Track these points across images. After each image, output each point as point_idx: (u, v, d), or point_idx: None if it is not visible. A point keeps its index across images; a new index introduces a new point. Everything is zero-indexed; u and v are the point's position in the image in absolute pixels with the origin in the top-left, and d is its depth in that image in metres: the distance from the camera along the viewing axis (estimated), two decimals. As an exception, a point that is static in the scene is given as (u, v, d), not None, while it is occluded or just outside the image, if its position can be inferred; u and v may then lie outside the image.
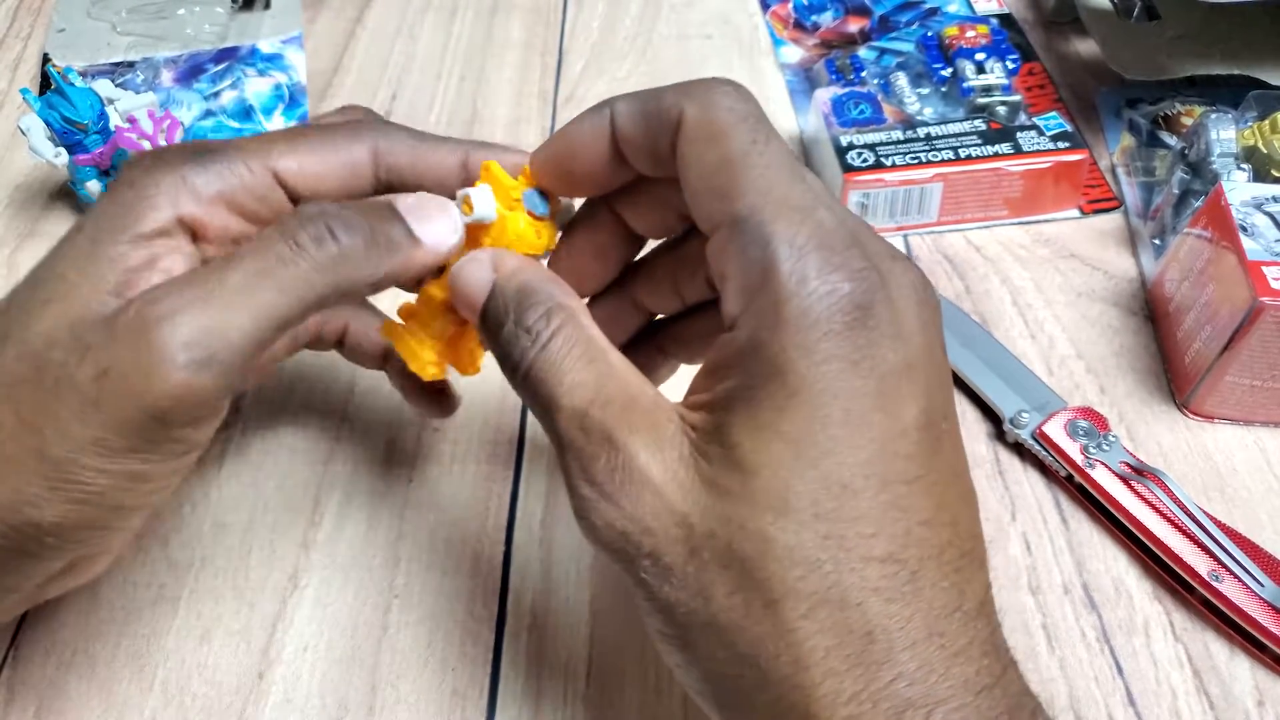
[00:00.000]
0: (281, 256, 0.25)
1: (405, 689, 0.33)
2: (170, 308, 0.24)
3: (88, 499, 0.24)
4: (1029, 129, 0.47)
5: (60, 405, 0.24)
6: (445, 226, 0.27)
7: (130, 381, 0.23)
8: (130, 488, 0.25)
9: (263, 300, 0.24)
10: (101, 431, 0.24)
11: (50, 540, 0.25)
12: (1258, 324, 0.36)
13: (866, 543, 0.21)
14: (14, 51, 0.57)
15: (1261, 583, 0.34)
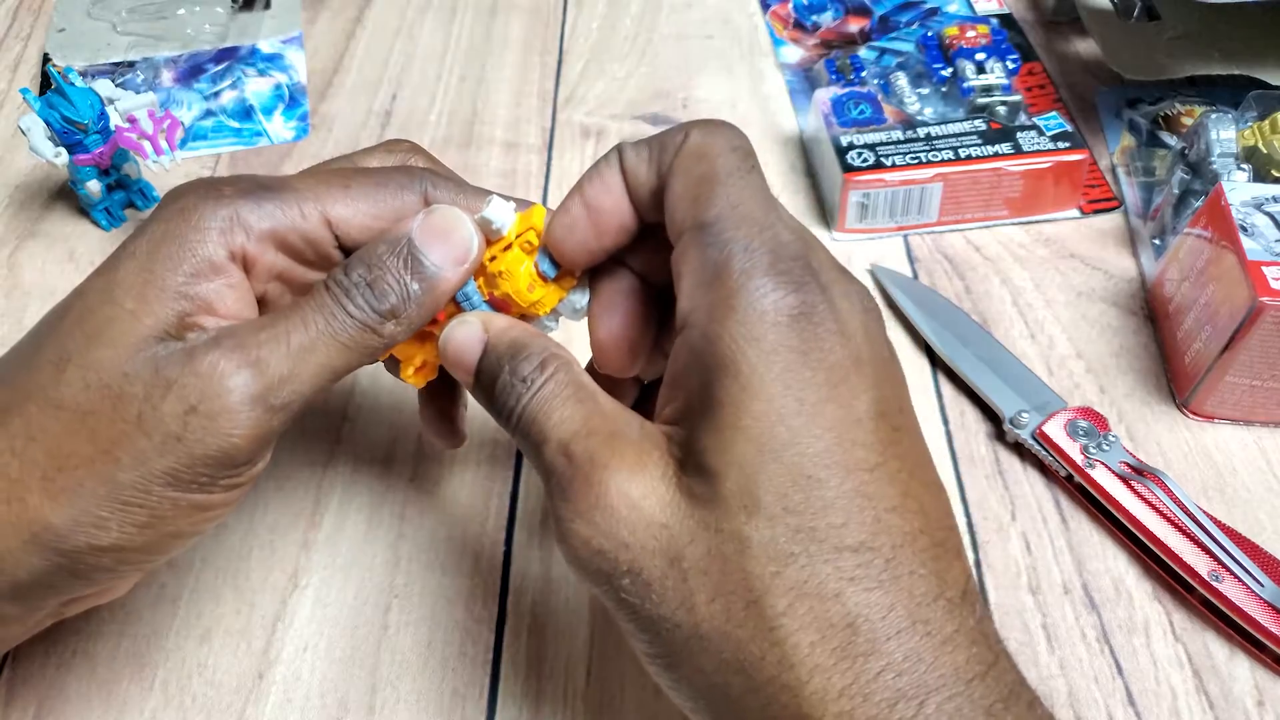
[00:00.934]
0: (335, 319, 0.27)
1: (405, 689, 0.33)
2: (249, 358, 0.26)
3: (150, 524, 0.26)
4: (1029, 129, 0.47)
5: (142, 437, 0.25)
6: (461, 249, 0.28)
7: (216, 420, 0.25)
8: (189, 516, 0.26)
9: (324, 356, 0.26)
10: (178, 464, 0.25)
11: (105, 562, 0.26)
12: (1258, 324, 0.36)
13: (837, 532, 0.22)
14: (14, 51, 0.57)
15: (1261, 583, 0.34)
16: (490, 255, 0.29)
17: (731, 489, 0.22)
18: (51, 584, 0.26)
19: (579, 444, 0.24)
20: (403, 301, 0.27)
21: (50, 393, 0.26)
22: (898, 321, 0.44)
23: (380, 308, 0.27)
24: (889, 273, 0.45)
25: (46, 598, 0.27)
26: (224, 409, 0.25)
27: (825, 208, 0.48)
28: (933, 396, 0.41)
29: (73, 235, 0.48)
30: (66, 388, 0.25)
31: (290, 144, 0.52)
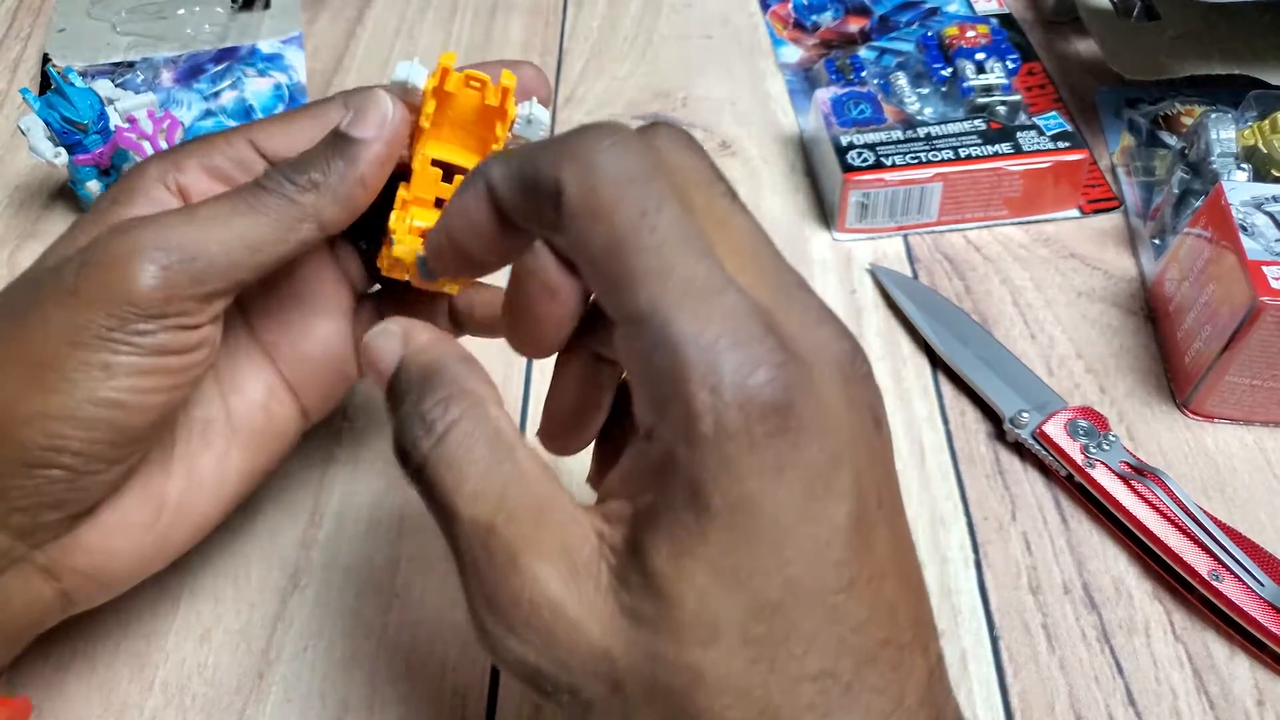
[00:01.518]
0: (251, 194, 0.28)
1: (405, 689, 0.33)
2: (153, 220, 0.27)
3: (61, 388, 0.26)
4: (1029, 129, 0.47)
5: (46, 298, 0.26)
6: (377, 115, 0.29)
7: (104, 269, 0.26)
8: (102, 380, 0.26)
9: (239, 227, 0.27)
10: (75, 317, 0.26)
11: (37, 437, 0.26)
12: (1258, 324, 0.36)
13: (798, 662, 0.20)
14: (14, 51, 0.57)
15: (1261, 582, 0.34)
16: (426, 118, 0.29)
17: (687, 619, 0.20)
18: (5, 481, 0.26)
19: (500, 529, 0.21)
20: (323, 172, 0.28)
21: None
22: (898, 321, 0.44)
23: (297, 177, 0.28)
24: (889, 273, 0.45)
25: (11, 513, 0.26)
26: (113, 258, 0.26)
27: (825, 208, 0.48)
28: (933, 396, 0.41)
29: (72, 235, 0.48)
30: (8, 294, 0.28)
31: (290, 144, 0.52)
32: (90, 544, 0.28)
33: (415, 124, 0.30)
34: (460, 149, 0.30)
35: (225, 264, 0.27)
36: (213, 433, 0.31)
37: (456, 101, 0.30)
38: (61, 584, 0.28)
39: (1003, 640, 0.34)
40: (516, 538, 0.21)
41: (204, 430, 0.31)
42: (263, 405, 0.32)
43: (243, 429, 0.31)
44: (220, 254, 0.27)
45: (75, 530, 0.28)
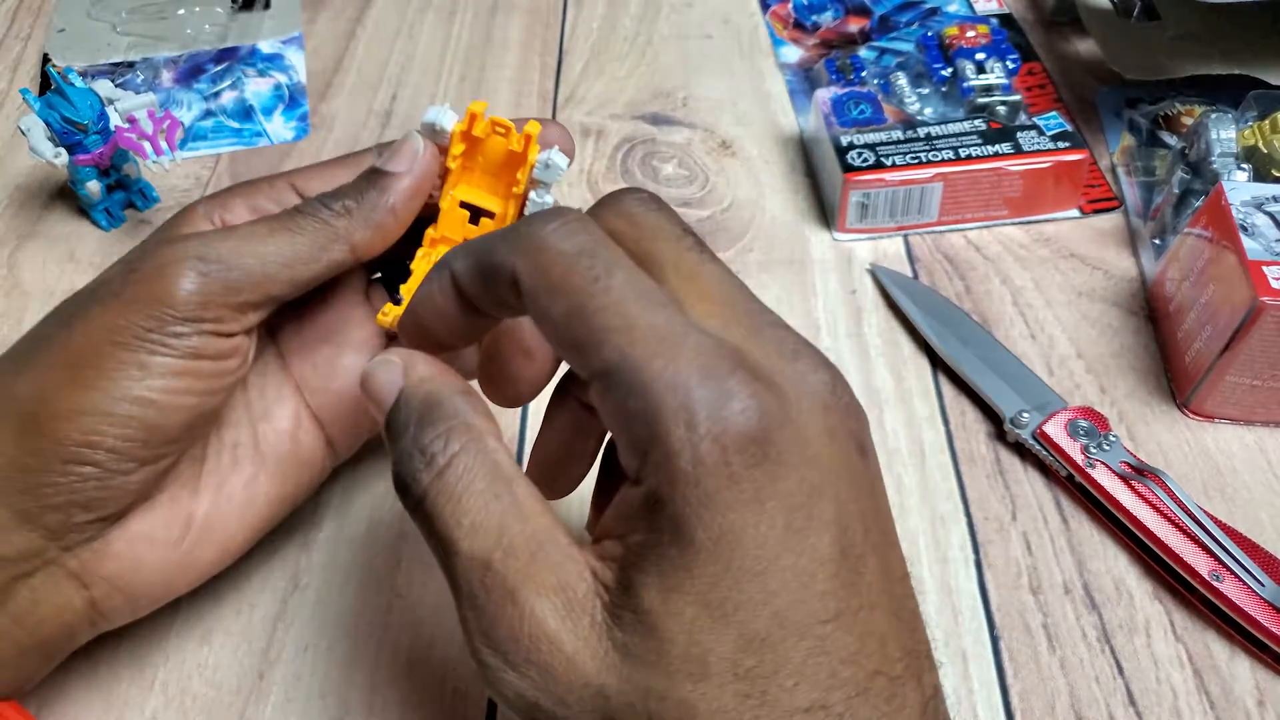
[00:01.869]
0: (289, 217, 0.30)
1: (405, 689, 0.33)
2: (196, 235, 0.29)
3: (99, 385, 0.27)
4: (1029, 129, 0.47)
5: (93, 301, 0.28)
6: (408, 152, 0.31)
7: (147, 275, 0.28)
8: (138, 379, 0.27)
9: (272, 243, 0.29)
10: (117, 318, 0.27)
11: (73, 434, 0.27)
12: (1258, 324, 0.36)
13: (789, 695, 0.20)
14: (14, 51, 0.57)
15: (1262, 582, 0.34)
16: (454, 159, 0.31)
17: (678, 654, 0.20)
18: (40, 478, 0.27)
19: (498, 566, 0.22)
20: (356, 200, 0.30)
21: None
22: (898, 321, 0.44)
23: (332, 204, 0.30)
24: (889, 273, 0.45)
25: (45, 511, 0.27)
26: (157, 265, 0.28)
27: (825, 208, 0.48)
28: (933, 396, 0.41)
29: (72, 235, 0.48)
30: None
31: (290, 144, 0.52)
32: (119, 552, 0.29)
33: (443, 165, 0.31)
34: (486, 192, 0.32)
35: (260, 276, 0.28)
36: (241, 456, 0.32)
37: (483, 146, 0.31)
38: (90, 592, 0.29)
39: (1003, 640, 0.34)
40: (514, 573, 0.22)
41: (233, 453, 0.32)
42: (290, 434, 0.33)
43: (270, 455, 0.32)
44: (255, 266, 0.28)
45: (106, 536, 0.29)
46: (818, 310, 0.44)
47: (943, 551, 0.36)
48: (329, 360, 0.33)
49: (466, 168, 0.32)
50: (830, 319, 0.44)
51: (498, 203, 0.32)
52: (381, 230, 0.30)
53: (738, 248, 0.47)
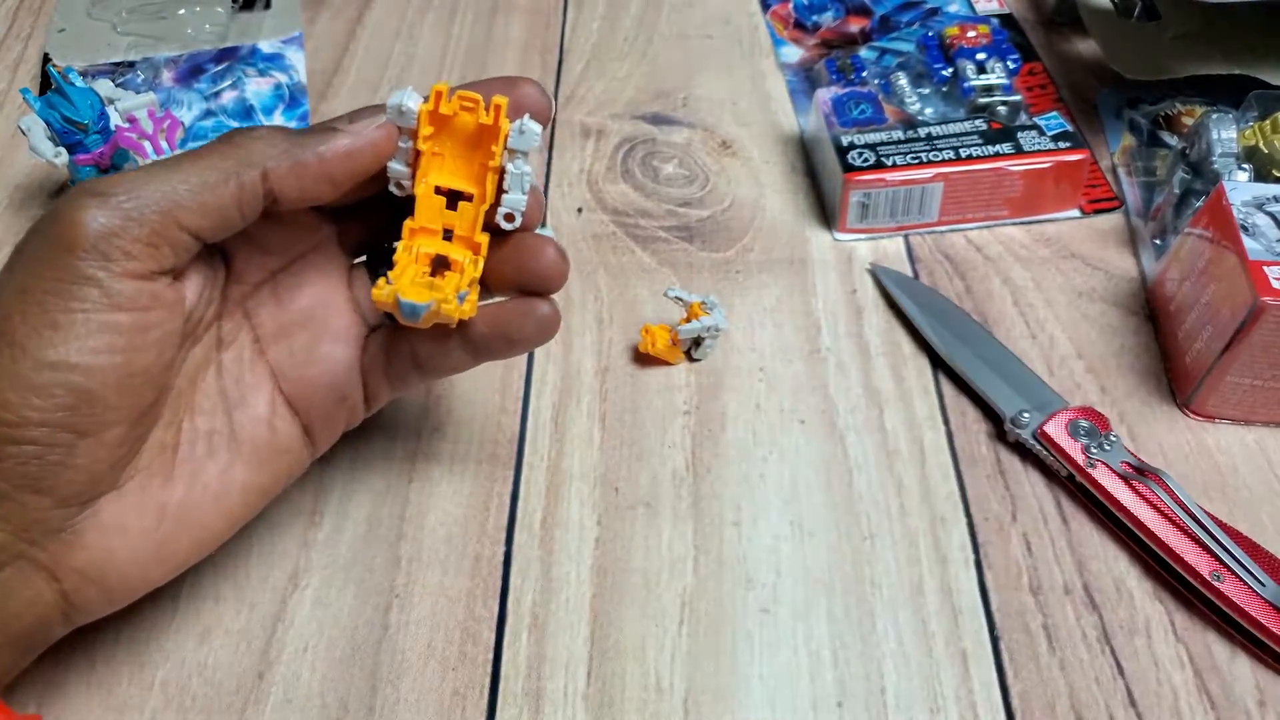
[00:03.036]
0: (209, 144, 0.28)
1: (405, 689, 0.33)
2: (94, 180, 0.27)
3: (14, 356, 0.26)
4: (1030, 129, 0.47)
5: (5, 272, 0.27)
6: (365, 118, 0.30)
7: (47, 223, 0.27)
8: (54, 341, 0.26)
9: (179, 171, 0.27)
10: (24, 279, 0.26)
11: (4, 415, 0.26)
12: (1259, 324, 0.36)
13: None
14: (14, 51, 0.57)
15: (1263, 582, 0.34)
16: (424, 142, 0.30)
17: None
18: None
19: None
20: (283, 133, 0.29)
21: None
22: (898, 321, 0.44)
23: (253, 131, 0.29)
24: (890, 272, 0.45)
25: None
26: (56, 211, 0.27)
27: (826, 208, 0.48)
28: (933, 396, 0.41)
29: (73, 235, 0.48)
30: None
31: (290, 144, 0.52)
32: (90, 543, 0.28)
33: (414, 151, 0.30)
34: (460, 175, 0.31)
35: (166, 202, 0.27)
36: (217, 444, 0.31)
37: (452, 124, 0.30)
38: (62, 584, 0.28)
39: (1003, 640, 0.34)
40: None
41: (208, 440, 0.31)
42: (267, 421, 0.32)
43: (247, 443, 0.32)
44: (160, 193, 0.27)
45: (75, 527, 0.28)
46: (818, 310, 0.44)
47: (943, 552, 0.36)
48: (306, 347, 0.33)
49: (437, 153, 0.31)
50: (830, 319, 0.44)
51: (473, 183, 0.31)
52: (301, 169, 0.29)
53: (738, 247, 0.47)
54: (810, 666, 0.34)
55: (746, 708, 0.33)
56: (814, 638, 0.34)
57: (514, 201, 0.31)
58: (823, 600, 0.35)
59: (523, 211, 0.31)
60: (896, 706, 0.33)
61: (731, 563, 0.36)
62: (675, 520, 0.37)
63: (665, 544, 0.37)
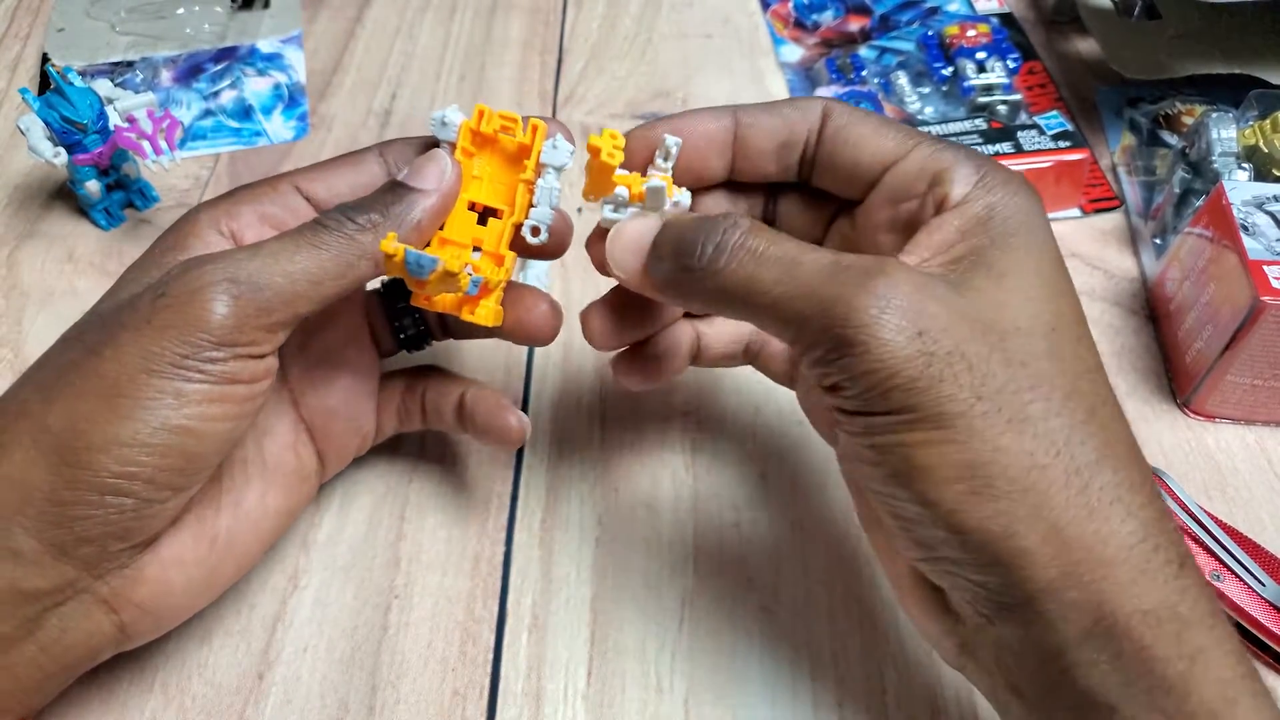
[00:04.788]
0: (312, 232, 0.29)
1: (405, 689, 0.33)
2: (224, 256, 0.28)
3: (134, 415, 0.26)
4: (1030, 128, 0.47)
5: (121, 329, 0.27)
6: (436, 168, 0.30)
7: (179, 300, 0.27)
8: (175, 407, 0.27)
9: (298, 261, 0.28)
10: (150, 345, 0.27)
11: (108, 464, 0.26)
12: (1259, 323, 0.36)
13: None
14: (13, 51, 0.57)
15: (1263, 582, 0.34)
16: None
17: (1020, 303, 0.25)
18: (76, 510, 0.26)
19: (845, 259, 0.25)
20: (381, 214, 0.29)
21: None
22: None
23: (357, 217, 0.29)
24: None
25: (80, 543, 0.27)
26: (189, 290, 0.27)
27: (826, 207, 0.48)
28: (933, 396, 0.41)
29: (72, 235, 0.48)
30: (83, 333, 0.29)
31: (289, 144, 0.52)
32: (150, 576, 0.29)
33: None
34: (492, 191, 0.32)
35: (290, 295, 0.28)
36: (252, 472, 0.32)
37: (492, 144, 0.31)
38: (120, 617, 0.29)
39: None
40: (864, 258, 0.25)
41: (244, 469, 0.32)
42: (291, 446, 0.33)
43: (275, 469, 0.33)
44: (285, 285, 0.28)
45: (138, 562, 0.29)
46: (818, 310, 0.44)
47: (943, 551, 0.36)
48: (326, 378, 0.34)
49: (475, 175, 0.32)
50: (830, 319, 0.44)
51: (505, 201, 0.31)
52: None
53: (738, 247, 0.46)
54: (810, 666, 0.34)
55: (746, 708, 0.33)
56: (814, 638, 0.34)
57: (541, 215, 0.31)
58: (823, 600, 0.35)
59: (548, 226, 0.31)
60: (896, 706, 0.33)
61: (731, 563, 0.36)
62: (675, 520, 0.37)
63: (665, 544, 0.37)
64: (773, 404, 0.41)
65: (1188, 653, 0.23)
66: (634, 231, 0.29)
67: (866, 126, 0.30)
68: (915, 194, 0.28)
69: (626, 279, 0.29)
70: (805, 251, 0.26)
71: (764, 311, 0.26)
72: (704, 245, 0.26)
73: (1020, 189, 0.27)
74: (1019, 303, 0.25)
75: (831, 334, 0.24)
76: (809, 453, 0.39)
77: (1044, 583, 0.23)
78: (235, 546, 0.31)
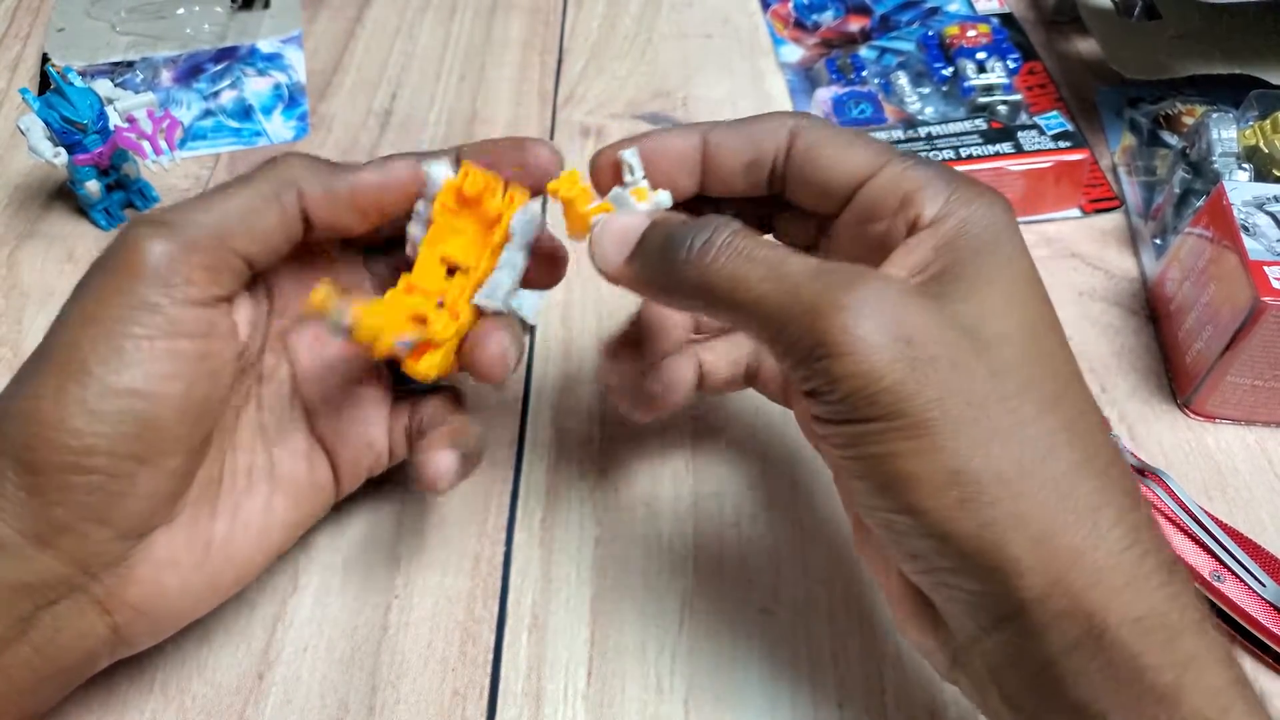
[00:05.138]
0: (252, 170, 0.30)
1: (405, 689, 0.33)
2: (158, 209, 0.29)
3: (79, 384, 0.26)
4: (1030, 128, 0.47)
5: (72, 302, 0.28)
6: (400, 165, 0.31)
7: (109, 256, 0.28)
8: (118, 369, 0.27)
9: (227, 198, 0.29)
10: (90, 308, 0.27)
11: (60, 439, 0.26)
12: (1259, 324, 0.36)
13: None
14: (13, 51, 0.57)
15: (1263, 583, 0.34)
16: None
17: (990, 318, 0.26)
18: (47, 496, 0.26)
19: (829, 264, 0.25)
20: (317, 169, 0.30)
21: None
22: (898, 321, 0.44)
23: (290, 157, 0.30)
24: (890, 272, 0.45)
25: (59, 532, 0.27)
26: (120, 242, 0.28)
27: (826, 207, 0.48)
28: (933, 396, 0.41)
29: (72, 235, 0.48)
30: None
31: (290, 144, 0.52)
32: (142, 576, 0.29)
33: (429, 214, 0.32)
34: (466, 248, 0.32)
35: (218, 229, 0.29)
36: (257, 480, 0.32)
37: (469, 200, 0.31)
38: (114, 618, 0.29)
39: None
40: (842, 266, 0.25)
41: (248, 476, 0.32)
42: (304, 455, 0.33)
43: (285, 479, 0.33)
44: (212, 220, 0.29)
45: (130, 560, 0.28)
46: (818, 310, 0.44)
47: (943, 552, 0.36)
48: (340, 389, 0.34)
49: (457, 229, 0.32)
50: (831, 319, 0.44)
51: (472, 259, 0.32)
52: (334, 196, 0.30)
53: (738, 247, 0.46)
54: (810, 666, 0.34)
55: (746, 708, 0.33)
56: (814, 638, 0.34)
57: (495, 280, 0.31)
58: (823, 600, 0.35)
59: (502, 296, 0.31)
60: (896, 707, 0.33)
61: (731, 563, 0.36)
62: (675, 520, 0.37)
63: (665, 544, 0.37)
64: (773, 404, 0.41)
65: (1178, 661, 0.23)
66: (619, 226, 0.29)
67: (835, 145, 0.29)
68: (887, 212, 0.28)
69: (609, 272, 0.29)
70: (792, 255, 0.26)
71: (747, 309, 0.26)
72: (692, 241, 0.26)
73: (992, 202, 0.27)
74: (997, 314, 0.26)
75: (814, 335, 0.24)
76: (809, 453, 0.39)
77: (1034, 591, 0.23)
78: (235, 554, 0.31)
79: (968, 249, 0.26)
